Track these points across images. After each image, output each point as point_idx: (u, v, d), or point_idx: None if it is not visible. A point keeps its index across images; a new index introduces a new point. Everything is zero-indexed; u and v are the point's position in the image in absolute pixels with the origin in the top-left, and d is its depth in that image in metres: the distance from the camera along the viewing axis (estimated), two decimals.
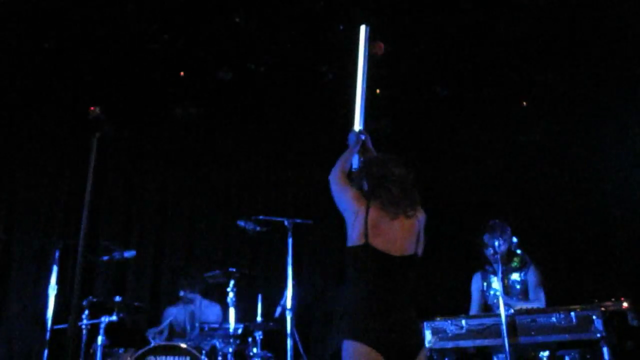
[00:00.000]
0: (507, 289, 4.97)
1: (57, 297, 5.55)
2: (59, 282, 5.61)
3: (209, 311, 6.53)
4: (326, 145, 8.01)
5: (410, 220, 3.17)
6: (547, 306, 4.87)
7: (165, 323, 6.14)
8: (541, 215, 7.27)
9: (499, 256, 4.59)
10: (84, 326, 5.73)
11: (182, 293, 6.50)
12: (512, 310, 4.41)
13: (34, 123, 7.23)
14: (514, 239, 5.04)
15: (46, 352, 5.34)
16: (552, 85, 7.45)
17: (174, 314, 6.44)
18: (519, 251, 5.11)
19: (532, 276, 5.04)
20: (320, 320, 7.21)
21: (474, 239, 4.85)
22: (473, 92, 7.70)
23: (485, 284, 5.25)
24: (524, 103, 7.79)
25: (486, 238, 4.95)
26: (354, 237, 3.15)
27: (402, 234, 3.13)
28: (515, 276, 5.07)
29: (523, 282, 5.03)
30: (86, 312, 5.72)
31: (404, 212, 3.16)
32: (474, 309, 5.21)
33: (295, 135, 7.94)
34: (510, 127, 7.73)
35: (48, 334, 5.39)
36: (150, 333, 5.91)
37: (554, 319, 4.22)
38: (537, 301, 4.91)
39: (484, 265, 4.98)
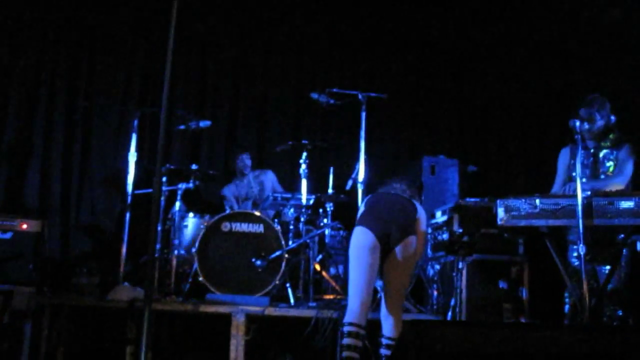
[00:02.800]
0: (597, 167, 4.80)
1: (136, 163, 5.74)
2: (137, 149, 5.79)
3: (264, 178, 6.66)
4: (401, 20, 7.81)
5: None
6: (631, 183, 4.72)
7: (233, 200, 6.38)
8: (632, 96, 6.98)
9: (591, 131, 4.43)
10: (162, 192, 5.95)
11: (244, 159, 6.63)
12: (589, 192, 4.31)
13: None
14: (612, 118, 4.78)
15: (128, 215, 5.59)
16: None
17: (234, 190, 6.63)
18: (615, 130, 4.86)
19: (623, 152, 4.79)
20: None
21: (569, 112, 4.62)
22: None
23: (573, 161, 5.04)
24: None
25: (582, 112, 4.72)
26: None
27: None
28: (607, 153, 4.84)
29: (614, 160, 4.80)
30: (164, 178, 5.92)
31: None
32: (558, 183, 4.99)
33: (369, 9, 7.73)
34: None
35: (129, 198, 5.62)
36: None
37: (632, 203, 4.11)
38: (620, 175, 4.70)
39: (574, 139, 4.78)
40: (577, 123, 4.36)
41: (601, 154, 4.82)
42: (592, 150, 4.82)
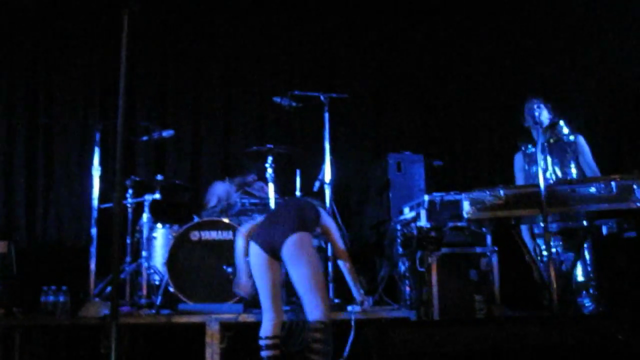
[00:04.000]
0: (552, 163, 4.88)
1: (101, 177, 5.70)
2: (101, 162, 5.74)
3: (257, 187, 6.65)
4: (360, 19, 7.83)
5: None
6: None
7: (214, 198, 6.32)
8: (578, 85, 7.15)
9: (539, 126, 4.53)
10: (128, 204, 5.92)
11: (250, 178, 6.58)
12: (551, 180, 4.39)
13: (66, 5, 7.15)
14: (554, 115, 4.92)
15: (94, 230, 5.53)
16: None
17: (222, 190, 6.57)
18: (561, 122, 4.97)
19: (581, 147, 4.90)
20: (358, 193, 7.31)
21: (516, 114, 4.74)
22: None
23: (526, 162, 5.16)
24: None
25: (526, 109, 4.84)
26: None
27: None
28: (561, 148, 4.94)
29: (571, 153, 4.90)
30: (130, 191, 5.90)
31: None
32: (539, 173, 5.13)
33: (328, 10, 7.75)
34: None
35: (95, 213, 5.57)
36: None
37: (593, 188, 4.18)
38: (595, 172, 4.79)
39: (525, 143, 4.89)
40: (536, 113, 4.43)
41: (555, 149, 4.91)
42: (545, 147, 4.91)
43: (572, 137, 4.93)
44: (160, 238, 5.87)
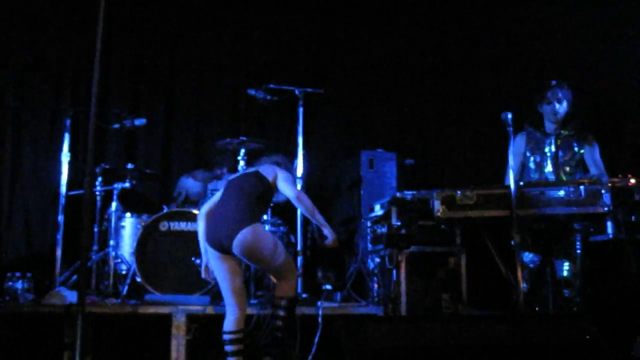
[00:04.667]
0: (557, 157, 4.88)
1: (69, 164, 5.62)
2: (71, 149, 5.66)
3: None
4: (336, 14, 7.82)
5: None
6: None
7: (183, 193, 6.27)
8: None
9: (558, 114, 4.53)
10: (97, 192, 5.85)
11: (218, 172, 6.51)
12: (522, 182, 4.41)
13: None
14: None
15: (61, 217, 5.46)
16: None
17: (189, 186, 6.51)
18: (575, 118, 4.94)
19: (594, 148, 4.86)
20: (329, 189, 7.31)
21: (530, 98, 4.68)
22: None
23: (529, 148, 5.01)
24: None
25: (558, 91, 4.80)
26: None
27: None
28: (570, 141, 4.89)
29: (578, 153, 4.88)
30: (99, 179, 5.83)
31: None
32: (514, 170, 4.96)
33: (304, 4, 7.73)
34: None
35: (63, 200, 5.50)
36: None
37: (562, 192, 4.24)
38: (603, 175, 4.76)
39: (533, 126, 4.82)
40: (510, 115, 4.40)
41: (563, 143, 4.89)
42: (553, 138, 4.89)
43: (583, 134, 4.90)
44: (129, 227, 5.82)
